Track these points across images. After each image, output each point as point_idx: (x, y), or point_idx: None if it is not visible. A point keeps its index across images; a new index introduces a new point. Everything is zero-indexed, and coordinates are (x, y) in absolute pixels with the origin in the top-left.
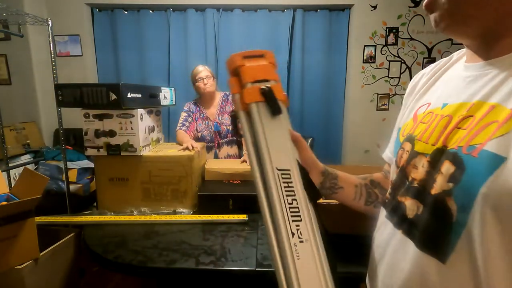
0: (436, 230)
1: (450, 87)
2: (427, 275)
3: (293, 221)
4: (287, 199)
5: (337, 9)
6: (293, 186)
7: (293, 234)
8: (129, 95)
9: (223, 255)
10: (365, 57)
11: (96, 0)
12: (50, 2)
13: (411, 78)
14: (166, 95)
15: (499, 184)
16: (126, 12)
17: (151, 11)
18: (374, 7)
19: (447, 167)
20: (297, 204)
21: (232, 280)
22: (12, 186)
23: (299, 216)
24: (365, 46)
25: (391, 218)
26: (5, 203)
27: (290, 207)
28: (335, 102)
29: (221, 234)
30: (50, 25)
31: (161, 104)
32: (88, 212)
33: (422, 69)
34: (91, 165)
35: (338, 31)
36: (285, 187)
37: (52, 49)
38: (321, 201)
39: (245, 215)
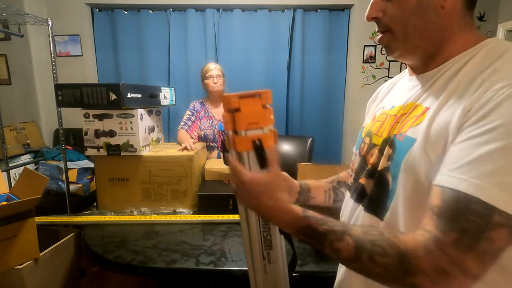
0: (378, 197)
1: (397, 93)
2: None
3: (265, 249)
4: (264, 233)
5: (337, 9)
6: (270, 224)
7: (264, 258)
8: (129, 95)
9: (223, 255)
10: (365, 57)
11: (96, 0)
12: (50, 2)
13: None
14: (166, 95)
15: (410, 158)
16: (126, 12)
17: (151, 11)
18: None
19: (387, 150)
20: (270, 237)
21: (232, 280)
22: (12, 186)
23: (271, 246)
24: (365, 46)
25: (353, 196)
26: (5, 203)
27: (264, 239)
28: (335, 102)
29: (221, 234)
30: (50, 25)
31: (161, 104)
32: (88, 212)
33: None
34: (91, 165)
35: (338, 31)
36: (263, 224)
37: (52, 49)
38: None
39: None
